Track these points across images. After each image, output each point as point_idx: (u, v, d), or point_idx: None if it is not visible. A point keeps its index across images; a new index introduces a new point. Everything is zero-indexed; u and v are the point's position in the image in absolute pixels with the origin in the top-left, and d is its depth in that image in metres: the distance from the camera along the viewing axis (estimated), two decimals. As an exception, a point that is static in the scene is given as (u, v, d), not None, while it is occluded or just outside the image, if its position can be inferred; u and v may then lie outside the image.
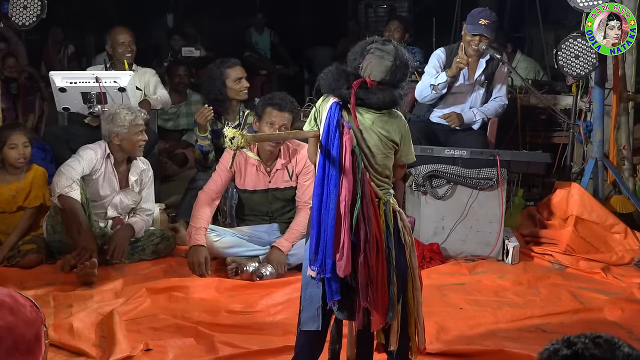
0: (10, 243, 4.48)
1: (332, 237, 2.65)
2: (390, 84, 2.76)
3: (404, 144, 2.88)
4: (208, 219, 4.41)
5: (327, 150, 2.69)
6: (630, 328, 3.68)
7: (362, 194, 2.68)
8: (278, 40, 9.33)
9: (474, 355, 3.30)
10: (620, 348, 1.56)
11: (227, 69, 5.15)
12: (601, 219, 4.91)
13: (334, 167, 2.67)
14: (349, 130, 2.69)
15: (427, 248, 4.60)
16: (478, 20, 5.05)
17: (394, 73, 2.75)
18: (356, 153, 2.69)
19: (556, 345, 1.59)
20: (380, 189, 2.80)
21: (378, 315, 2.73)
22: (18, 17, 4.82)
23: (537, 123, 6.00)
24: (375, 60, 2.74)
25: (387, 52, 2.75)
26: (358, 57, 2.78)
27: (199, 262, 4.23)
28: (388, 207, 2.79)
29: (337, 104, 2.74)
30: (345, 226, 2.65)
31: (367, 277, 2.68)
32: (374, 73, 2.74)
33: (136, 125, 4.49)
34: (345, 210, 2.65)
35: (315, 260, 2.70)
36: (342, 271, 2.65)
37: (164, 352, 3.29)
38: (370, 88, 2.73)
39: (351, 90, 2.70)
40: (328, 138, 2.70)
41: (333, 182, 2.67)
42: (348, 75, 2.76)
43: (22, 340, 2.46)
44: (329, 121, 2.71)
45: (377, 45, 2.77)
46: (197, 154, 5.15)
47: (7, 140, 4.51)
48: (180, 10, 10.32)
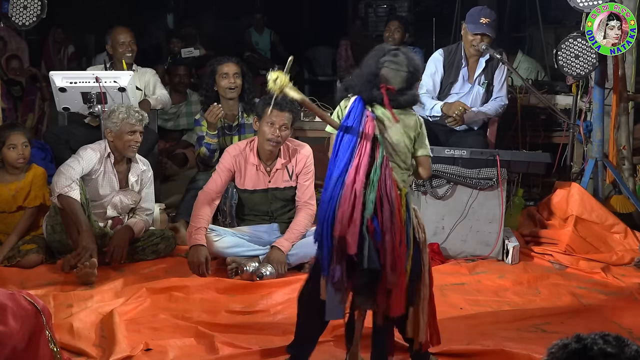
0: (10, 243, 4.48)
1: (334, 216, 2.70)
2: (407, 89, 2.94)
3: (420, 135, 3.02)
4: (208, 218, 4.41)
5: (343, 135, 2.79)
6: (630, 328, 3.68)
7: (385, 178, 2.77)
8: (278, 40, 9.33)
9: (474, 355, 3.30)
10: (630, 346, 1.57)
11: (218, 64, 5.16)
12: (601, 219, 4.91)
13: (348, 150, 2.76)
14: (372, 119, 2.81)
15: (428, 248, 4.59)
16: (479, 19, 5.05)
17: (409, 80, 2.93)
18: (379, 141, 2.80)
19: (566, 341, 1.59)
20: (401, 181, 2.92)
21: (399, 301, 2.82)
22: (18, 17, 4.82)
23: (537, 123, 6.00)
24: (392, 73, 2.89)
25: (400, 63, 2.89)
26: (374, 70, 2.89)
27: (199, 262, 4.23)
28: (409, 198, 2.90)
29: (361, 98, 2.86)
30: (358, 205, 2.70)
31: (393, 259, 2.74)
32: (393, 84, 2.89)
33: (128, 124, 4.49)
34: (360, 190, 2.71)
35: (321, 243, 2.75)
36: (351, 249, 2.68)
37: (164, 352, 3.29)
38: (393, 92, 2.88)
39: (382, 91, 2.84)
40: (347, 124, 2.80)
41: (344, 165, 2.75)
42: (376, 77, 2.88)
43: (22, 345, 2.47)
44: (350, 110, 2.83)
45: (389, 57, 2.90)
46: (203, 152, 5.12)
47: (6, 141, 4.51)
48: (180, 10, 10.33)
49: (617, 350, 1.55)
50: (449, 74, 5.25)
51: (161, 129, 6.23)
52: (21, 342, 2.46)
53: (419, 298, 2.95)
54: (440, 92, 5.27)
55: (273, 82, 2.63)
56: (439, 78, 5.25)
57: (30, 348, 2.51)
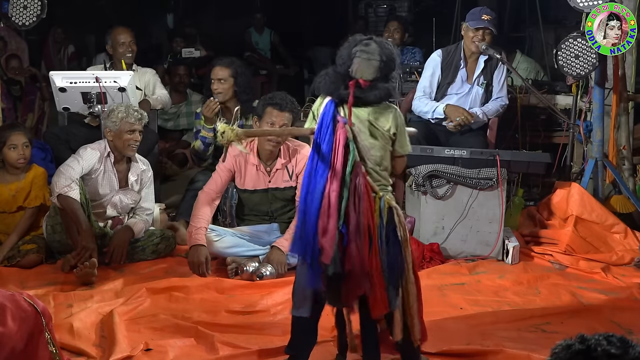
0: (10, 243, 4.49)
1: (314, 225, 2.74)
2: (382, 80, 2.88)
3: (400, 133, 2.98)
4: (208, 218, 4.41)
5: (318, 143, 2.79)
6: (630, 328, 3.68)
7: (355, 186, 2.76)
8: (278, 40, 9.32)
9: (474, 355, 3.30)
10: (634, 347, 1.56)
11: (212, 67, 5.17)
12: (601, 219, 4.91)
13: (323, 160, 2.76)
14: (343, 125, 2.77)
15: (427, 248, 4.60)
16: (480, 16, 5.09)
17: (382, 70, 2.87)
18: (350, 147, 2.77)
19: (569, 341, 1.59)
20: (377, 184, 2.89)
21: (378, 303, 2.82)
22: (18, 17, 4.82)
23: (537, 123, 6.00)
24: (364, 63, 2.85)
25: (372, 52, 2.86)
26: (346, 61, 2.88)
27: (199, 262, 4.23)
28: (383, 202, 2.86)
29: (333, 101, 2.84)
30: (333, 215, 2.72)
31: (359, 265, 2.76)
32: (365, 74, 2.85)
33: (127, 124, 4.49)
34: (334, 200, 2.73)
35: (298, 248, 2.80)
36: (326, 258, 2.72)
37: (164, 352, 3.29)
38: (364, 87, 2.84)
39: (348, 90, 2.80)
40: (320, 131, 2.80)
41: (320, 174, 2.76)
42: (344, 77, 2.86)
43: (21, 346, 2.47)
44: (323, 116, 2.82)
45: (361, 47, 2.87)
46: (198, 145, 5.14)
47: (7, 141, 4.52)
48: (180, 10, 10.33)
49: (621, 351, 1.55)
50: (446, 75, 5.25)
51: (161, 129, 6.23)
52: (20, 343, 2.46)
53: (406, 295, 2.92)
54: (438, 92, 5.27)
55: (221, 135, 2.68)
56: (436, 79, 5.26)
57: (29, 349, 2.51)
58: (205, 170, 5.27)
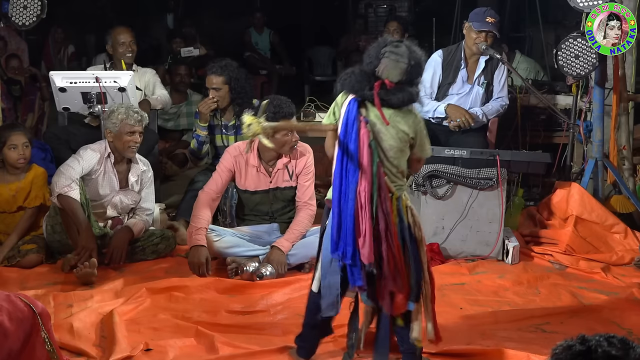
0: (10, 243, 4.48)
1: (352, 226, 2.78)
2: (407, 83, 2.88)
3: (420, 138, 2.99)
4: (208, 219, 4.41)
5: (345, 143, 2.82)
6: (630, 328, 3.68)
7: (379, 186, 2.81)
8: (278, 40, 9.32)
9: (474, 355, 3.30)
10: (634, 349, 1.56)
11: (207, 74, 5.16)
12: (601, 219, 4.91)
13: (352, 159, 2.79)
14: (366, 125, 2.80)
15: (427, 248, 4.54)
16: (485, 18, 5.08)
17: (409, 73, 2.87)
18: (372, 147, 2.80)
19: (570, 342, 1.59)
20: (393, 185, 2.91)
21: (401, 300, 2.89)
22: (18, 17, 4.81)
23: (537, 123, 6.00)
24: (391, 64, 2.84)
25: (401, 54, 2.85)
26: (374, 60, 2.88)
27: (199, 263, 4.23)
28: (401, 202, 2.90)
29: (356, 99, 2.85)
30: (367, 215, 2.77)
31: (393, 263, 2.82)
32: (391, 76, 2.85)
33: (127, 125, 4.49)
34: (366, 200, 2.77)
35: (337, 249, 2.82)
36: (365, 258, 2.78)
37: (164, 352, 3.29)
38: (389, 89, 2.84)
39: (373, 91, 2.81)
40: (346, 132, 2.82)
41: (351, 174, 2.79)
42: (369, 77, 2.86)
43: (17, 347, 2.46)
44: (347, 115, 2.83)
45: (391, 48, 2.87)
46: (193, 143, 5.21)
47: (7, 141, 4.51)
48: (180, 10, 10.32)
49: (621, 352, 1.54)
50: (447, 75, 5.26)
51: (161, 129, 6.24)
52: (17, 344, 2.46)
53: (423, 296, 2.97)
54: (438, 93, 5.28)
55: (247, 127, 2.66)
56: (437, 79, 5.26)
57: (26, 350, 2.51)
58: (206, 170, 5.28)
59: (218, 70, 5.11)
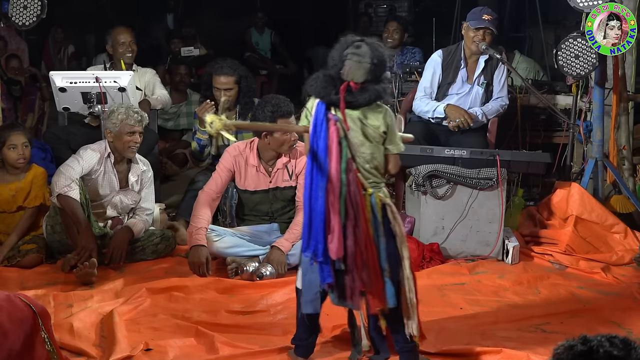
0: (10, 243, 4.48)
1: (322, 223, 2.81)
2: (373, 82, 2.90)
3: (390, 132, 3.01)
4: (208, 219, 4.41)
5: (314, 142, 2.83)
6: (630, 328, 3.68)
7: (348, 182, 2.82)
8: (278, 40, 9.32)
9: (474, 355, 3.29)
10: (636, 349, 1.55)
11: (215, 74, 5.12)
12: (601, 219, 4.90)
13: (322, 157, 2.81)
14: (335, 122, 2.81)
15: (427, 248, 4.60)
16: (481, 16, 5.09)
17: (373, 72, 2.89)
18: (342, 145, 2.82)
19: (572, 342, 1.58)
20: (367, 181, 2.94)
21: (375, 298, 2.90)
22: (18, 17, 4.81)
23: (537, 123, 5.99)
24: (355, 65, 2.87)
25: (363, 55, 2.87)
26: (338, 63, 2.90)
27: (199, 263, 4.23)
28: (374, 198, 2.91)
29: (323, 102, 2.87)
30: (335, 211, 2.79)
31: (360, 259, 2.84)
32: (356, 77, 2.87)
33: (127, 125, 4.48)
34: (334, 196, 2.79)
35: (308, 247, 2.85)
36: (334, 254, 2.81)
37: (164, 352, 3.29)
38: (354, 91, 2.87)
39: (339, 95, 2.83)
40: (316, 131, 2.84)
41: (321, 172, 2.81)
42: (334, 80, 2.88)
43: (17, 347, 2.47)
44: (316, 115, 2.85)
45: (352, 49, 2.89)
46: (194, 146, 5.20)
47: (6, 141, 4.52)
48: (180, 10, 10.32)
49: (623, 353, 1.54)
50: (447, 75, 5.26)
51: (161, 129, 6.23)
52: (16, 343, 2.46)
53: (403, 292, 2.95)
54: (438, 93, 5.28)
55: (209, 125, 2.69)
56: (437, 79, 5.26)
57: (25, 350, 2.51)
58: (205, 170, 5.27)
59: (229, 70, 5.08)
